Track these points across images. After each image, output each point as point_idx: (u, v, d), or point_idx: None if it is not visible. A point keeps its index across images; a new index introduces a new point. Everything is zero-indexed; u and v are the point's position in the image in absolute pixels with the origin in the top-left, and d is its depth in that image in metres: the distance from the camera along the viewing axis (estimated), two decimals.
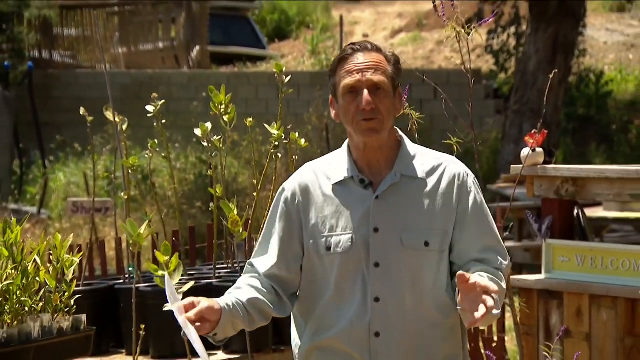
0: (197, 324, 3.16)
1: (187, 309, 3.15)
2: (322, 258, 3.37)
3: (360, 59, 3.35)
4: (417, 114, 5.01)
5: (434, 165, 3.43)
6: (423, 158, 3.44)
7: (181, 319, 3.12)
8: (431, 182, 3.39)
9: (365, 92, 3.30)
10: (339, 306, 3.36)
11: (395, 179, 3.36)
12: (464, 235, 3.37)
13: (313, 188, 3.43)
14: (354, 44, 3.40)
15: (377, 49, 3.39)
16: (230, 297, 3.31)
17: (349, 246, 3.33)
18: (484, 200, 3.46)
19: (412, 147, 3.47)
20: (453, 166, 3.44)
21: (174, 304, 3.17)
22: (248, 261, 3.50)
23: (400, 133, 3.49)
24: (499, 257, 3.40)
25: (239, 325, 3.32)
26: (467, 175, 3.44)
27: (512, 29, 17.71)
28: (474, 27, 4.47)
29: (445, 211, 3.38)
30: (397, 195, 3.36)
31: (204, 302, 3.19)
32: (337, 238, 3.35)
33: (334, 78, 3.39)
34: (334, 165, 3.44)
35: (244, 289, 3.36)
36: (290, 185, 3.47)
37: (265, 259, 3.45)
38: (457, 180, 3.41)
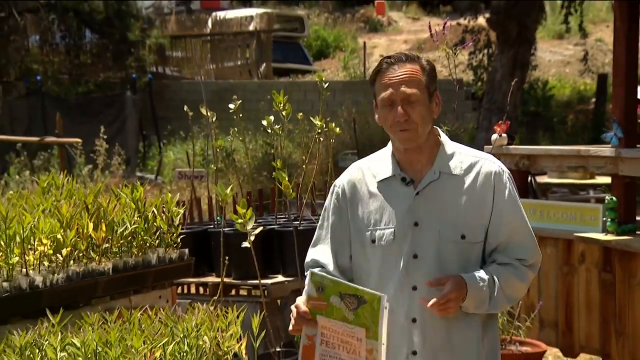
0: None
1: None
2: (367, 250, 2.78)
3: (394, 72, 2.72)
4: None
5: (472, 162, 2.78)
6: (461, 156, 2.79)
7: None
8: (469, 179, 2.75)
9: (399, 106, 2.70)
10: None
11: (435, 176, 2.74)
12: (498, 229, 2.75)
13: (360, 185, 2.82)
14: (389, 56, 2.77)
15: (412, 60, 2.75)
16: None
17: (391, 239, 2.72)
18: (517, 197, 2.82)
19: (451, 146, 2.83)
20: (490, 164, 2.80)
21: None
22: (311, 257, 2.89)
23: (441, 133, 2.86)
24: (526, 251, 2.77)
25: None
26: (503, 172, 2.80)
27: (485, 51, 17.62)
28: (458, 50, 4.45)
29: (481, 206, 2.73)
30: (436, 191, 2.74)
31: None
32: (381, 232, 2.74)
33: (374, 87, 2.78)
34: (379, 164, 2.83)
35: None
36: (340, 183, 2.87)
37: (320, 253, 2.87)
38: (493, 177, 2.76)
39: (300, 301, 2.68)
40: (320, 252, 2.86)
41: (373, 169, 2.83)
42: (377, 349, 2.59)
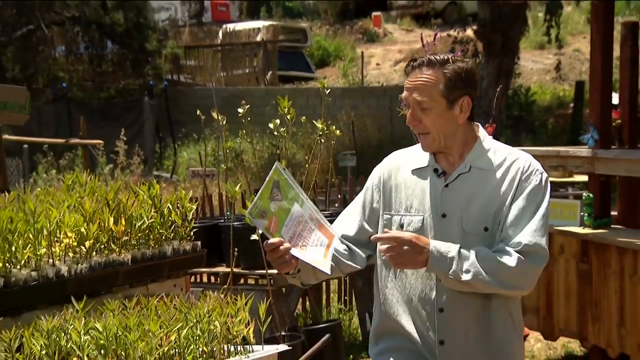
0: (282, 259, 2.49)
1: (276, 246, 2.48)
2: None
3: (413, 76, 2.51)
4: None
5: (504, 158, 2.55)
6: (496, 153, 2.57)
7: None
8: (499, 173, 2.52)
9: (410, 111, 2.53)
10: (405, 283, 2.58)
11: (464, 169, 2.54)
12: (509, 220, 2.49)
13: (396, 172, 2.63)
14: (414, 60, 2.55)
15: (433, 65, 2.50)
16: None
17: (419, 227, 2.53)
18: (543, 199, 2.51)
19: (489, 143, 2.60)
20: (522, 161, 2.54)
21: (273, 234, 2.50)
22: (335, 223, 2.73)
23: (480, 130, 2.62)
24: (520, 236, 2.46)
25: (319, 273, 2.58)
26: (535, 170, 2.53)
27: (473, 60, 17.55)
28: None
29: (505, 199, 2.50)
30: (464, 184, 2.53)
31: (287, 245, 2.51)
32: (410, 218, 2.56)
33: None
34: (417, 155, 2.62)
35: None
36: (379, 167, 2.70)
37: (343, 223, 2.70)
38: (521, 172, 2.51)
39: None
40: (342, 220, 2.72)
41: (411, 158, 2.65)
42: (311, 209, 2.55)
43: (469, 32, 16.94)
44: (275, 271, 5.00)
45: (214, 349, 2.77)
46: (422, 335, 2.56)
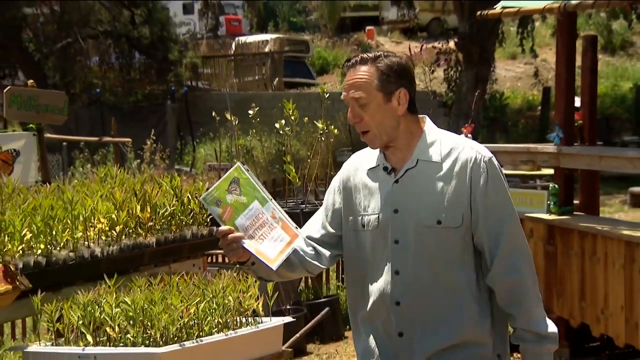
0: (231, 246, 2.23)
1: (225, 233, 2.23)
2: (359, 234, 2.29)
3: (349, 75, 2.24)
4: None
5: (451, 149, 2.23)
6: (442, 144, 2.24)
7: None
8: (446, 165, 2.21)
9: (350, 108, 2.26)
10: (372, 281, 2.26)
11: (411, 164, 2.23)
12: (477, 218, 2.20)
13: (354, 174, 2.34)
14: (349, 60, 2.27)
15: (365, 62, 2.22)
16: None
17: (376, 225, 2.24)
18: (500, 182, 2.23)
19: (434, 134, 2.27)
20: (468, 150, 2.22)
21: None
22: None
23: (427, 121, 2.30)
24: (517, 259, 2.22)
25: (279, 268, 2.25)
26: (482, 158, 2.21)
27: (455, 68, 17.55)
28: (433, 67, 4.44)
29: (458, 191, 2.18)
30: (413, 178, 2.22)
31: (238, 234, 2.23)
32: (368, 217, 2.26)
33: None
34: (371, 155, 2.33)
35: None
36: (340, 172, 2.41)
37: (309, 225, 2.41)
38: (470, 163, 2.19)
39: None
40: (308, 223, 2.44)
41: (366, 159, 2.35)
42: (274, 209, 2.27)
43: (451, 44, 16.88)
44: None
45: (228, 320, 2.77)
46: (383, 328, 2.25)
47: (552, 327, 2.24)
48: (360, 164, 2.36)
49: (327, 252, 2.36)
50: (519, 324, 2.22)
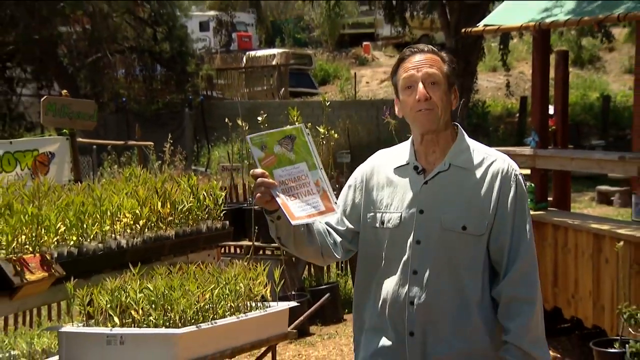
0: (260, 190, 1.96)
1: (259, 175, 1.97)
2: (377, 231, 2.05)
3: (417, 58, 2.02)
4: (394, 121, 4.97)
5: (483, 158, 2.04)
6: (475, 152, 2.05)
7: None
8: (478, 173, 2.01)
9: (420, 85, 1.98)
10: (385, 279, 2.03)
11: (444, 167, 2.02)
12: (499, 232, 1.99)
13: (378, 170, 2.10)
14: (411, 46, 2.07)
15: (433, 51, 2.05)
16: None
17: (397, 223, 2.01)
18: (524, 200, 2.02)
19: (467, 141, 2.09)
20: (500, 162, 2.03)
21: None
22: None
23: (460, 129, 2.11)
24: (525, 281, 2.05)
25: (298, 234, 2.03)
26: (513, 171, 2.03)
27: None
28: None
29: (485, 200, 1.98)
30: (443, 182, 2.01)
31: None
32: (389, 215, 2.03)
33: (395, 77, 2.07)
34: (399, 153, 2.10)
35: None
36: (362, 167, 2.16)
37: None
38: (500, 175, 2.00)
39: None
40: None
41: (393, 157, 2.11)
42: (321, 178, 1.99)
43: None
44: None
45: (240, 304, 2.77)
46: (395, 326, 2.02)
47: (546, 356, 2.00)
48: (386, 161, 2.12)
49: (343, 245, 2.13)
50: (511, 339, 1.96)
